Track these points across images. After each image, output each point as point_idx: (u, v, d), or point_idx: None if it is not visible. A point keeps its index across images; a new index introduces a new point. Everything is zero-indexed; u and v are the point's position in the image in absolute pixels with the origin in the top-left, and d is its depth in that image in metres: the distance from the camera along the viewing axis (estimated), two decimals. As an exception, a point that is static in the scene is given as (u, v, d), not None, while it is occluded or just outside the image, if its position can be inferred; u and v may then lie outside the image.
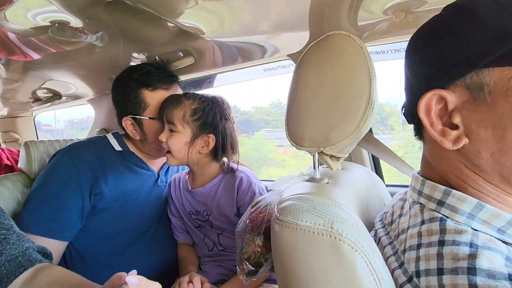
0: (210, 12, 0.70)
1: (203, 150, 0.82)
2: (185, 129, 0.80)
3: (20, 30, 0.76)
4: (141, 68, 0.88)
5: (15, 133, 2.01)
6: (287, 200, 0.43)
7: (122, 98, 0.90)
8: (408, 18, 0.68)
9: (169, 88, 0.89)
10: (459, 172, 0.39)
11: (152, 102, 0.87)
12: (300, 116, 0.49)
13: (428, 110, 0.38)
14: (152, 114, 0.87)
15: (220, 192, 0.84)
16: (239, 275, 0.52)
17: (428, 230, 0.38)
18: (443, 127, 0.38)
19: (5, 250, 0.58)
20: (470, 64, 0.35)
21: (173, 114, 0.80)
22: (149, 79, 0.87)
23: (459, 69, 0.36)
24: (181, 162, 0.84)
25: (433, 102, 0.38)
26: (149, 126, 0.88)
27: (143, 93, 0.87)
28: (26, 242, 0.63)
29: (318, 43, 0.50)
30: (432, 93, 0.38)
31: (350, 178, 0.59)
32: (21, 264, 0.59)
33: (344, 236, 0.35)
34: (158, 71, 0.89)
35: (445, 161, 0.40)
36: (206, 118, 0.80)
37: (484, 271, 0.31)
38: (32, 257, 0.61)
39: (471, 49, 0.35)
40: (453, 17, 0.38)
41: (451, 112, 0.38)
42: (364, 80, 0.45)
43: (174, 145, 0.80)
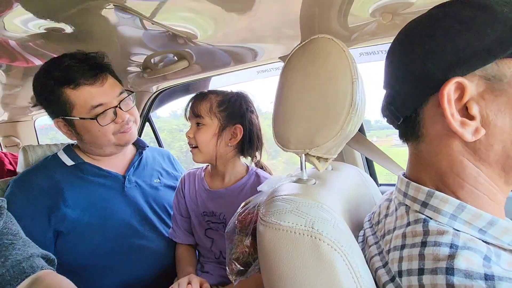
0: (201, 18, 0.72)
1: (231, 142, 0.81)
2: (212, 120, 0.80)
3: (18, 38, 0.77)
4: (59, 63, 0.78)
5: (16, 138, 2.03)
6: (272, 201, 0.44)
7: (45, 99, 0.81)
8: (395, 20, 0.69)
9: (95, 83, 0.79)
10: (460, 168, 0.39)
11: (78, 101, 0.79)
12: (286, 118, 0.50)
13: (449, 100, 0.37)
14: (81, 114, 0.79)
15: (243, 197, 0.79)
16: (229, 275, 0.53)
17: (412, 231, 0.39)
18: (462, 118, 0.37)
19: (10, 256, 0.60)
20: (491, 55, 0.36)
21: (199, 108, 0.80)
22: (69, 75, 0.77)
23: (479, 59, 0.36)
24: (208, 156, 0.82)
25: (452, 91, 0.37)
26: (81, 126, 0.81)
27: (66, 93, 0.78)
28: (32, 248, 0.64)
29: (303, 47, 0.51)
30: (454, 81, 0.36)
31: (339, 178, 0.60)
32: (23, 270, 0.60)
33: (324, 236, 0.36)
34: (78, 64, 0.79)
35: (446, 158, 0.40)
36: (232, 108, 0.81)
37: (462, 271, 0.32)
38: (35, 263, 0.62)
39: (491, 40, 0.35)
40: (465, 10, 0.38)
41: (466, 103, 0.37)
42: (347, 83, 0.46)
43: (203, 138, 0.79)
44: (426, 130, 0.41)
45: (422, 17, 0.42)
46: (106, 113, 0.81)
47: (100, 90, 0.81)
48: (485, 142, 0.37)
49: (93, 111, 0.80)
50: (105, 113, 0.81)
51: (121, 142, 0.87)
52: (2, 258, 0.59)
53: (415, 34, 0.41)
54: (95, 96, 0.80)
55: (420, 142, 0.42)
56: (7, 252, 0.60)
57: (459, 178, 0.39)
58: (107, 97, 0.81)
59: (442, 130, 0.39)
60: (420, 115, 0.41)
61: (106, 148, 0.87)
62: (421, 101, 0.40)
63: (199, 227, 0.88)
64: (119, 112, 0.83)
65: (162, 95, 1.46)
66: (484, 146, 0.37)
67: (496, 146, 0.37)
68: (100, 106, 0.80)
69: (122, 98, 0.84)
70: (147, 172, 0.99)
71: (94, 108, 0.80)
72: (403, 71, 0.42)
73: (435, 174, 0.41)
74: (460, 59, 0.37)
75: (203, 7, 0.66)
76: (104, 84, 0.81)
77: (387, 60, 0.46)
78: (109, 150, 0.89)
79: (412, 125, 0.42)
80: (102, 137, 0.83)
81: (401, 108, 0.43)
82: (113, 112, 0.82)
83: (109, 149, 0.88)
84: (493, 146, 0.37)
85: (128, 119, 0.85)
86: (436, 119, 0.40)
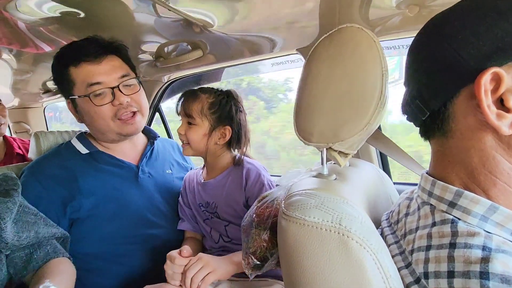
0: (218, 5, 0.70)
1: (220, 141, 0.86)
2: (203, 121, 0.83)
3: (31, 20, 0.76)
4: (70, 45, 0.80)
5: (26, 124, 2.05)
6: (295, 196, 0.43)
7: (56, 80, 0.84)
8: (422, 13, 0.67)
9: (94, 60, 0.77)
10: (493, 165, 0.37)
11: (77, 79, 0.78)
12: (310, 111, 0.48)
13: (485, 91, 0.35)
14: (79, 92, 0.78)
15: (229, 183, 0.86)
16: (245, 269, 0.52)
17: (439, 232, 0.37)
18: (498, 110, 0.35)
19: (40, 230, 0.69)
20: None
21: (191, 108, 0.83)
22: (74, 53, 0.78)
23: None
24: (198, 152, 0.87)
25: (488, 82, 0.35)
26: (81, 106, 0.81)
27: (70, 71, 0.78)
28: (53, 227, 0.73)
29: (330, 36, 0.49)
30: (491, 71, 0.35)
31: (357, 174, 0.58)
32: (48, 254, 0.69)
33: (353, 233, 0.35)
34: (85, 43, 0.78)
35: (478, 153, 0.38)
36: (222, 111, 0.84)
37: (498, 276, 0.30)
38: (57, 248, 0.72)
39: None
40: (500, 0, 0.36)
41: (501, 94, 0.35)
42: (377, 75, 0.44)
43: (193, 137, 0.84)
44: (456, 124, 0.39)
45: (453, 8, 0.40)
46: (103, 93, 0.78)
47: (99, 68, 0.78)
48: None
49: (89, 88, 0.78)
50: (102, 93, 0.79)
51: (122, 131, 0.84)
52: (33, 231, 0.67)
53: (447, 24, 0.39)
54: (93, 74, 0.78)
55: (448, 138, 0.40)
56: (35, 227, 0.68)
57: (491, 175, 0.38)
58: (106, 76, 0.79)
59: (474, 123, 0.37)
60: (450, 109, 0.39)
61: (107, 134, 0.85)
62: (453, 93, 0.38)
63: (199, 218, 0.92)
64: (117, 94, 0.79)
65: (173, 86, 1.44)
66: None
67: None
68: (97, 85, 0.78)
69: (123, 81, 0.81)
70: (159, 162, 0.99)
71: (91, 86, 0.78)
72: (433, 63, 0.40)
73: (465, 172, 0.39)
74: (497, 48, 0.35)
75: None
76: (102, 63, 0.79)
77: (412, 53, 0.44)
78: (111, 137, 0.86)
79: (440, 119, 0.40)
80: (100, 120, 0.80)
81: (429, 102, 0.41)
82: (111, 93, 0.79)
83: (111, 136, 0.85)
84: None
85: (129, 104, 0.81)
86: (468, 112, 0.38)
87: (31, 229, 0.67)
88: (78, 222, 0.80)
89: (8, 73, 1.26)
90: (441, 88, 0.39)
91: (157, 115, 1.54)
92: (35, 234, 0.67)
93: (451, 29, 0.38)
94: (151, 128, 1.08)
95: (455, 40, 0.37)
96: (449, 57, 0.38)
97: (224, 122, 0.85)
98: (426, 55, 0.41)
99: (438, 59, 0.39)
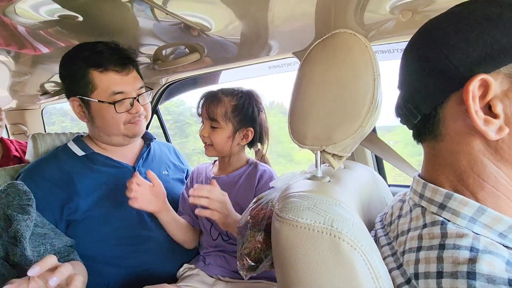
0: (216, 9, 0.71)
1: (242, 142, 0.89)
2: (227, 125, 0.86)
3: (29, 24, 0.77)
4: (93, 47, 0.82)
5: (23, 126, 2.04)
6: (288, 198, 0.43)
7: (69, 76, 0.85)
8: (415, 18, 0.68)
9: (121, 71, 0.83)
10: (480, 168, 0.38)
11: (101, 85, 0.82)
12: (304, 114, 0.49)
13: (473, 97, 0.36)
14: (101, 97, 0.82)
15: (242, 182, 0.88)
16: (239, 270, 0.53)
17: (429, 233, 0.38)
18: (485, 116, 0.36)
19: (54, 244, 0.69)
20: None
21: (215, 112, 0.85)
22: (100, 59, 0.81)
23: (505, 56, 0.35)
24: (221, 153, 0.89)
25: (477, 88, 0.36)
26: (97, 109, 0.84)
27: (92, 74, 0.81)
28: (63, 236, 0.74)
29: (324, 41, 0.50)
30: (479, 78, 0.35)
31: (352, 177, 0.59)
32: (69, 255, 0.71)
33: (344, 234, 0.35)
34: (111, 51, 0.83)
35: (466, 157, 0.39)
36: (246, 113, 0.87)
37: (484, 276, 0.31)
38: (70, 257, 0.72)
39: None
40: (491, 8, 0.37)
41: (489, 101, 0.36)
42: (369, 79, 0.45)
43: (218, 140, 0.86)
44: (445, 128, 0.40)
45: (445, 14, 0.41)
46: (124, 101, 0.84)
47: (125, 79, 0.84)
48: (508, 141, 0.36)
49: (113, 96, 0.83)
50: (123, 102, 0.84)
51: (129, 133, 0.88)
52: (48, 244, 0.67)
53: (439, 30, 0.40)
54: (119, 83, 0.83)
55: (439, 141, 0.41)
56: (48, 239, 0.68)
57: (479, 178, 0.38)
58: (129, 87, 0.85)
59: (463, 128, 0.38)
60: (440, 113, 0.40)
61: (114, 137, 0.88)
62: (443, 98, 0.39)
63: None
64: (135, 104, 0.85)
65: (170, 88, 1.45)
66: (507, 145, 0.36)
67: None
68: (120, 94, 0.83)
69: (141, 92, 0.88)
70: (156, 164, 1.00)
71: (115, 95, 0.83)
72: (425, 68, 0.40)
73: (454, 174, 0.40)
74: (486, 55, 0.36)
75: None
76: (129, 75, 0.85)
77: (405, 57, 0.45)
78: (116, 140, 0.89)
79: (430, 123, 0.41)
80: (113, 125, 0.85)
81: (420, 105, 0.42)
82: (130, 102, 0.85)
83: (116, 139, 0.89)
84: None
85: (142, 112, 0.88)
86: (457, 117, 0.39)
87: (46, 242, 0.66)
88: (74, 224, 0.80)
89: (6, 75, 1.26)
90: (431, 93, 0.40)
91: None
92: (51, 247, 0.67)
93: (443, 35, 0.39)
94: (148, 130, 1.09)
95: (446, 46, 0.38)
96: (440, 62, 0.38)
97: (247, 124, 0.87)
98: (418, 60, 0.42)
99: (429, 63, 0.40)
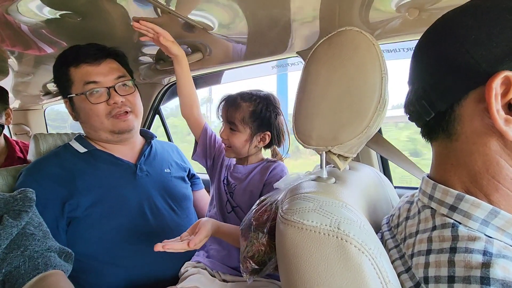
0: (219, 8, 0.70)
1: (260, 145, 0.93)
2: (245, 129, 0.89)
3: (32, 23, 0.76)
4: (73, 47, 0.85)
5: (26, 126, 2.05)
6: (293, 199, 0.42)
7: (56, 78, 0.89)
8: (422, 16, 0.66)
9: (93, 62, 0.84)
10: (496, 170, 0.37)
11: (76, 79, 0.84)
12: (309, 113, 0.48)
13: (496, 95, 0.34)
14: (77, 91, 0.84)
15: (255, 173, 0.93)
16: (243, 274, 0.52)
17: (439, 236, 0.37)
18: (506, 116, 0.35)
19: (30, 246, 0.62)
20: None
21: (234, 117, 0.88)
22: (74, 55, 0.83)
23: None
24: (239, 154, 0.93)
25: (499, 86, 0.34)
26: (77, 104, 0.85)
27: (70, 71, 0.84)
28: (50, 240, 0.67)
29: (329, 39, 0.49)
30: (503, 75, 0.34)
31: (357, 178, 0.58)
32: (37, 266, 0.61)
33: (351, 237, 0.34)
34: (86, 47, 0.84)
35: (482, 158, 0.37)
36: (263, 118, 0.89)
37: (498, 281, 0.30)
38: (50, 261, 0.63)
39: None
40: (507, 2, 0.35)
41: (510, 99, 0.34)
42: (376, 78, 0.43)
43: (236, 143, 0.90)
44: (461, 127, 0.38)
45: (465, 7, 0.39)
46: (99, 92, 0.84)
47: (96, 69, 0.84)
48: None
49: (86, 86, 0.83)
50: (98, 92, 0.84)
51: (114, 128, 0.87)
52: (22, 247, 0.61)
53: (458, 23, 0.38)
54: (90, 73, 0.83)
55: (453, 140, 0.40)
56: (27, 242, 0.62)
57: (494, 180, 0.37)
58: (103, 77, 0.84)
59: (480, 127, 0.37)
60: (457, 111, 0.38)
61: (101, 132, 0.87)
62: (461, 95, 0.38)
63: (216, 187, 0.98)
64: (112, 93, 0.84)
65: (173, 88, 1.44)
66: None
67: None
68: (93, 83, 0.83)
69: (120, 82, 0.86)
70: (158, 161, 0.99)
71: (87, 84, 0.83)
72: (442, 62, 0.39)
73: (467, 175, 0.39)
74: (510, 51, 0.34)
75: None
76: (101, 65, 0.85)
77: (419, 53, 0.43)
78: (105, 136, 0.88)
79: (445, 121, 0.40)
80: (94, 117, 0.85)
81: (436, 102, 0.40)
82: (106, 92, 0.84)
83: (104, 135, 0.88)
84: None
85: (123, 104, 0.86)
86: (475, 115, 0.37)
87: (22, 244, 0.61)
88: (75, 221, 0.80)
89: (10, 75, 1.27)
90: (449, 89, 0.38)
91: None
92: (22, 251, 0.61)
93: (464, 29, 0.37)
94: (149, 130, 1.09)
95: (467, 41, 0.36)
96: (460, 58, 0.37)
97: (264, 128, 0.90)
98: (435, 55, 0.40)
99: (448, 59, 0.38)
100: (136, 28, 0.78)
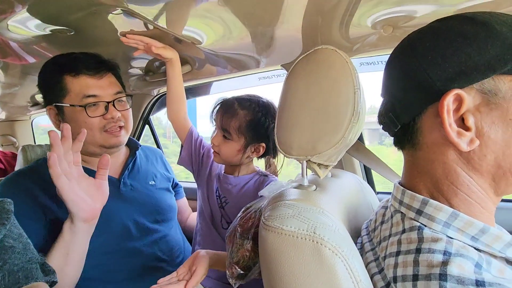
0: (207, 24, 0.73)
1: (253, 155, 0.87)
2: (239, 138, 0.83)
3: (21, 39, 0.78)
4: (70, 55, 0.83)
5: (13, 137, 2.02)
6: (274, 206, 0.45)
7: (45, 83, 0.84)
8: (395, 33, 0.71)
9: (95, 75, 0.82)
10: (454, 177, 0.40)
11: (73, 89, 0.80)
12: (289, 125, 0.51)
13: (448, 110, 0.38)
14: (73, 101, 0.80)
15: (248, 187, 0.87)
16: (229, 279, 0.54)
17: (407, 238, 0.40)
18: (458, 129, 0.38)
19: (9, 259, 0.59)
20: (490, 70, 0.37)
21: (229, 124, 0.83)
22: (73, 64, 0.80)
23: (478, 73, 0.37)
24: (227, 162, 0.88)
25: (451, 102, 0.38)
26: (69, 114, 0.81)
27: (66, 79, 0.80)
28: (31, 252, 0.63)
29: (307, 57, 0.52)
30: (454, 93, 0.38)
31: (338, 185, 0.61)
32: (18, 280, 0.59)
33: (326, 240, 0.37)
34: (86, 57, 0.82)
35: (441, 166, 0.41)
36: (260, 129, 0.84)
37: (454, 277, 0.33)
38: (32, 274, 0.61)
39: (491, 56, 0.37)
40: (467, 26, 0.39)
41: (463, 114, 0.38)
42: (349, 93, 0.47)
43: (227, 152, 0.84)
44: (423, 138, 0.42)
45: (425, 28, 0.43)
46: (97, 105, 0.82)
47: (98, 82, 0.82)
48: (478, 153, 0.39)
49: (85, 100, 0.81)
50: (96, 105, 0.82)
51: (105, 143, 0.84)
52: (1, 261, 0.58)
53: (419, 44, 0.42)
54: (91, 86, 0.81)
55: (417, 150, 0.44)
56: (6, 255, 0.59)
57: (453, 186, 0.41)
58: (103, 91, 0.83)
59: (438, 139, 0.41)
60: (418, 124, 0.42)
61: (90, 146, 0.84)
62: (421, 109, 0.42)
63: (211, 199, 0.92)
64: (111, 108, 0.83)
65: (162, 99, 1.46)
66: (478, 156, 0.39)
67: (489, 156, 0.38)
68: (93, 97, 0.81)
69: (118, 97, 0.85)
70: (142, 174, 0.97)
71: (87, 98, 0.81)
72: (405, 79, 0.43)
73: (430, 181, 0.43)
74: (461, 71, 0.38)
75: (208, 14, 0.67)
76: (103, 79, 0.83)
77: (388, 68, 0.47)
78: (92, 149, 0.85)
79: (409, 132, 0.44)
80: (88, 131, 0.79)
81: (400, 115, 0.44)
82: (104, 107, 0.83)
83: (92, 148, 0.85)
84: (486, 157, 0.38)
85: (119, 119, 0.85)
86: (433, 127, 0.41)
87: (0, 259, 0.58)
88: None
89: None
90: (411, 104, 0.42)
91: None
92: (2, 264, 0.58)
93: (423, 49, 0.41)
94: (134, 138, 1.06)
95: (425, 60, 0.40)
96: (419, 75, 0.41)
97: (260, 139, 0.84)
98: (400, 72, 0.44)
99: (409, 76, 0.42)
100: (125, 43, 0.79)
